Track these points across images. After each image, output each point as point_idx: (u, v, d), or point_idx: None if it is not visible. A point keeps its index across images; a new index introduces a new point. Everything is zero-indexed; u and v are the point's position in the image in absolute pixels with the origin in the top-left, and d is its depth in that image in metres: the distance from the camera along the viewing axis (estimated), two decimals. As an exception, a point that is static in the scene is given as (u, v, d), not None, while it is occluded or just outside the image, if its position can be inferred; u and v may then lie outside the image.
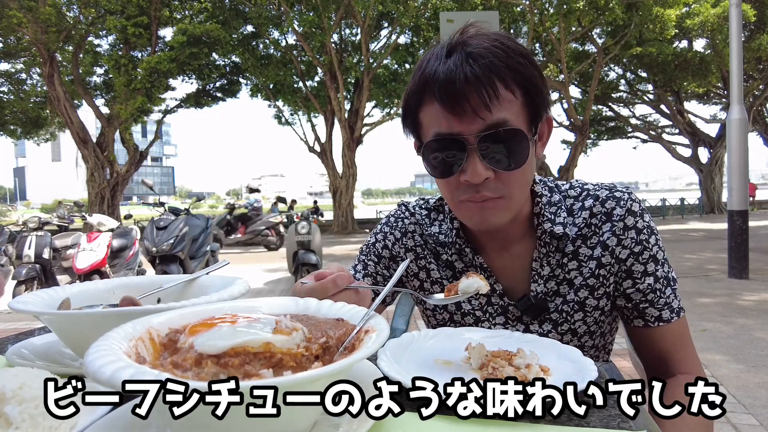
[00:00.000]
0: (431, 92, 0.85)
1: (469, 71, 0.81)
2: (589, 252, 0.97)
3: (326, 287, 0.72)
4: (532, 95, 0.85)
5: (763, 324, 4.32)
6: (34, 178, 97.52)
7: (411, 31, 17.04)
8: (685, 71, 18.43)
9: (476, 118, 0.82)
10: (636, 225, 0.96)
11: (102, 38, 17.52)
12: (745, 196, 6.53)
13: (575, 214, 0.99)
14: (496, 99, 0.81)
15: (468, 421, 0.56)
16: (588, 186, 1.02)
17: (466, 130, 0.83)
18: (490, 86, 0.81)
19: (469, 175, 0.84)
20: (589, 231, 0.97)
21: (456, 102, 0.82)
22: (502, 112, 0.82)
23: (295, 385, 0.41)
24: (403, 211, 1.14)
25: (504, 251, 1.01)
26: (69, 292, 0.79)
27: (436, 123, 0.86)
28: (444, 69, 0.83)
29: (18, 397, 0.49)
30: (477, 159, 0.83)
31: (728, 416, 2.61)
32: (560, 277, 0.98)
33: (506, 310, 1.01)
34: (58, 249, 6.21)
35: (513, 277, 1.01)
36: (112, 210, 16.37)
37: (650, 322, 0.96)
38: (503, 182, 0.86)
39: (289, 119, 19.93)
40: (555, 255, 0.98)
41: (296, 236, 6.30)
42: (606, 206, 0.97)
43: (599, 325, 1.02)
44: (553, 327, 0.99)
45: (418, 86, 0.87)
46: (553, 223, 0.97)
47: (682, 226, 16.70)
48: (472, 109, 0.81)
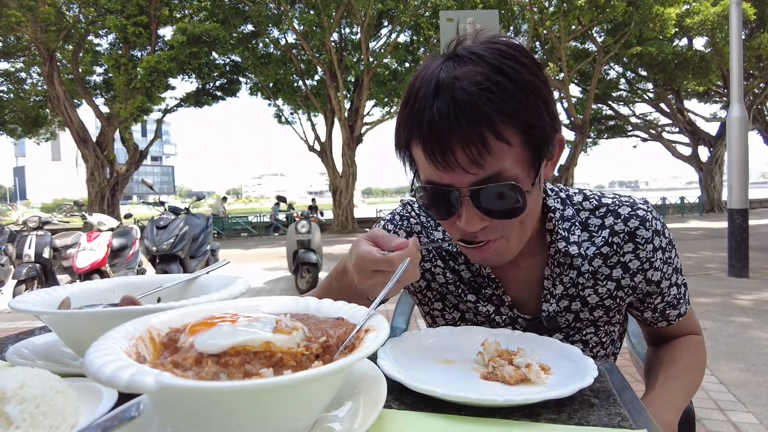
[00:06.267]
0: (419, 137, 0.78)
1: (455, 126, 0.72)
2: (607, 271, 0.93)
3: (413, 253, 0.72)
4: (534, 133, 0.76)
5: (763, 323, 4.32)
6: (34, 178, 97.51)
7: (411, 29, 17.04)
8: (685, 70, 18.42)
9: (466, 174, 0.76)
10: (662, 245, 0.94)
11: (102, 37, 17.51)
12: (745, 194, 6.53)
13: (593, 230, 0.94)
14: (487, 154, 0.73)
15: (467, 419, 0.56)
16: (606, 200, 0.96)
17: (458, 182, 0.77)
18: (480, 141, 0.72)
19: (464, 224, 0.80)
20: (610, 250, 0.93)
21: (443, 158, 0.75)
22: (495, 164, 0.75)
23: (295, 384, 0.41)
24: (409, 210, 1.10)
25: (512, 263, 0.96)
26: (69, 292, 0.79)
27: (427, 170, 0.80)
28: (429, 117, 0.74)
29: (18, 397, 0.49)
30: (471, 208, 0.78)
31: (728, 414, 2.61)
32: (573, 294, 0.94)
33: (515, 321, 0.98)
34: (58, 248, 6.21)
35: (521, 289, 0.98)
36: (112, 209, 16.37)
37: (672, 320, 1.01)
38: (502, 226, 0.82)
39: (288, 118, 19.94)
40: (569, 273, 0.93)
41: (296, 235, 6.30)
42: (629, 225, 0.92)
43: (610, 335, 1.01)
44: (564, 338, 0.97)
45: (408, 123, 0.80)
46: (568, 242, 0.92)
47: (682, 224, 16.69)
48: (461, 167, 0.75)
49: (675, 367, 0.95)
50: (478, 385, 0.66)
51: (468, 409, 0.58)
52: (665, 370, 0.95)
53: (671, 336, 1.05)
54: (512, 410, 0.58)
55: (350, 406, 0.54)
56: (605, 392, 0.63)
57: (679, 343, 1.02)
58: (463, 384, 0.65)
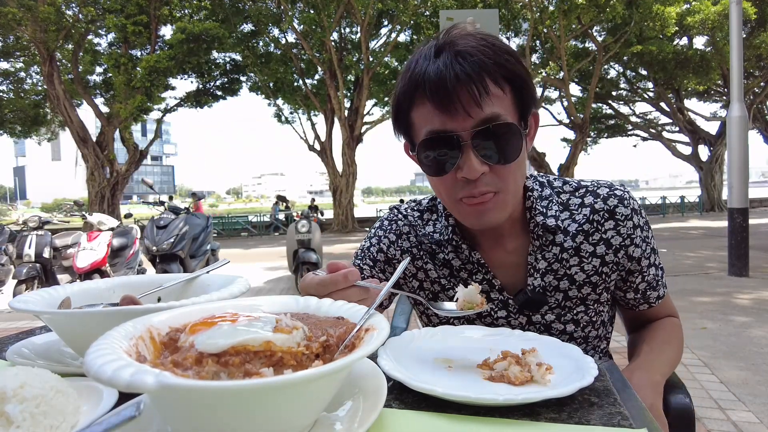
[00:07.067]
0: (422, 92, 0.85)
1: (459, 69, 0.82)
2: (591, 248, 0.98)
3: (337, 281, 0.72)
4: (521, 90, 0.87)
5: (763, 322, 4.32)
6: (34, 178, 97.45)
7: (411, 29, 17.02)
8: (685, 69, 18.41)
9: (468, 116, 0.83)
10: (640, 223, 1.00)
11: (101, 37, 17.49)
12: (745, 193, 6.53)
13: (573, 209, 1.00)
14: (486, 95, 0.82)
15: (468, 418, 0.56)
16: (585, 183, 1.04)
17: (459, 127, 0.84)
18: (480, 83, 0.82)
19: (465, 171, 0.85)
20: (591, 227, 0.98)
21: (448, 101, 0.82)
22: (493, 107, 0.83)
23: (295, 383, 0.41)
24: (396, 214, 1.15)
25: (499, 246, 1.02)
26: (69, 291, 0.79)
27: (429, 122, 0.86)
28: (434, 68, 0.83)
29: (19, 396, 0.49)
30: (472, 154, 0.84)
31: (728, 414, 2.61)
32: (560, 272, 0.99)
33: (506, 304, 1.02)
34: (58, 248, 6.21)
35: (510, 272, 1.02)
36: (112, 209, 16.36)
37: (652, 303, 1.07)
38: (499, 176, 0.87)
39: (288, 118, 19.93)
40: (551, 248, 0.98)
41: (296, 235, 6.30)
42: (608, 204, 0.99)
43: (600, 315, 1.06)
44: (556, 318, 1.01)
45: (409, 87, 0.88)
46: (545, 216, 0.98)
47: (682, 224, 16.70)
48: (464, 106, 0.82)
49: (656, 341, 1.03)
50: (479, 384, 0.66)
51: (468, 409, 0.58)
52: (647, 344, 1.01)
53: (652, 319, 1.10)
54: (512, 409, 0.58)
55: (350, 405, 0.54)
56: (605, 391, 0.63)
57: (658, 323, 1.10)
58: (463, 383, 0.65)
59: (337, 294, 0.72)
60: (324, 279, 0.73)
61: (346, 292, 0.72)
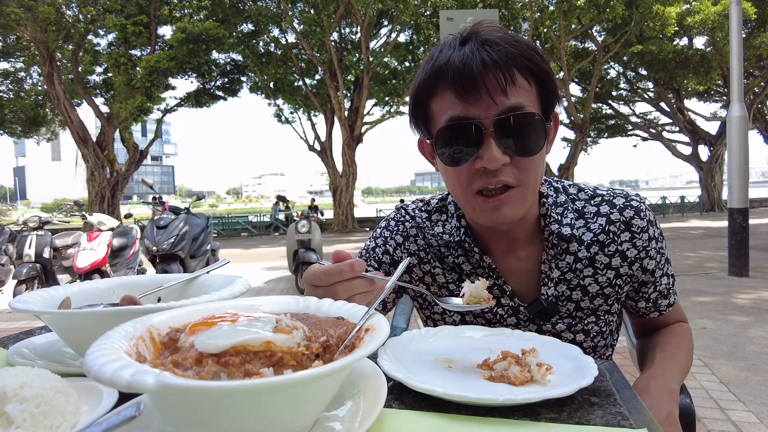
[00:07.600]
0: (445, 80, 0.83)
1: (486, 56, 0.80)
2: (606, 260, 0.96)
3: (342, 270, 0.69)
4: (546, 86, 0.85)
5: (763, 322, 4.32)
6: (34, 178, 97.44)
7: (411, 29, 17.03)
8: (685, 69, 18.40)
9: (492, 103, 0.80)
10: (655, 235, 0.98)
11: (101, 37, 17.50)
12: (745, 193, 6.53)
13: (588, 218, 0.97)
14: (513, 84, 0.80)
15: (468, 418, 0.56)
16: (600, 191, 1.00)
17: (482, 114, 0.81)
18: (507, 71, 0.80)
19: (486, 160, 0.81)
20: (606, 238, 0.95)
21: (472, 87, 0.80)
22: (518, 97, 0.81)
23: (295, 384, 0.41)
24: (403, 214, 1.10)
25: (511, 253, 0.98)
26: (69, 291, 0.79)
27: (450, 109, 0.83)
28: (459, 55, 0.81)
29: (19, 396, 0.49)
30: (493, 144, 0.81)
31: (728, 413, 2.61)
32: (573, 282, 0.96)
33: (517, 311, 0.99)
34: (58, 248, 6.21)
35: (521, 279, 0.99)
36: (112, 209, 16.37)
37: (663, 310, 1.05)
38: (519, 169, 0.83)
39: (288, 118, 19.94)
40: (564, 258, 0.95)
41: (296, 235, 6.30)
42: (624, 215, 0.96)
43: (609, 325, 1.04)
44: (567, 327, 0.98)
45: (431, 75, 0.85)
46: (561, 224, 0.94)
47: (682, 224, 16.69)
48: (488, 93, 0.80)
49: (669, 348, 1.01)
50: (479, 384, 0.65)
51: (468, 409, 0.58)
52: (660, 351, 1.00)
53: (661, 326, 1.09)
54: (512, 409, 0.58)
55: (350, 405, 0.54)
56: (605, 391, 0.63)
57: (669, 329, 1.09)
58: (463, 383, 0.65)
59: (342, 284, 0.70)
60: (330, 268, 0.70)
61: (352, 282, 0.70)
